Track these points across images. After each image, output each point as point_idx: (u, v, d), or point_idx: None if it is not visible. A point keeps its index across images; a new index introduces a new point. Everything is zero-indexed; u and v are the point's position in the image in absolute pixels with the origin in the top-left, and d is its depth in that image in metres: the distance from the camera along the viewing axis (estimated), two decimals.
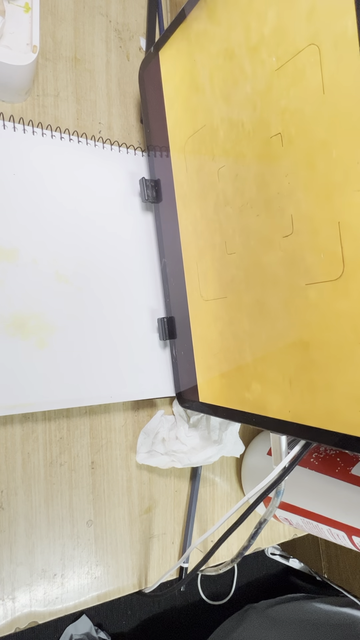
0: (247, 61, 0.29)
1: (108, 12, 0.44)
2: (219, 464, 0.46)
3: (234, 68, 0.30)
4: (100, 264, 0.37)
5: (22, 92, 0.37)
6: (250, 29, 0.28)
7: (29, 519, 0.36)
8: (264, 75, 0.28)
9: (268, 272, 0.29)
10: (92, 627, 0.96)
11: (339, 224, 0.24)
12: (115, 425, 0.40)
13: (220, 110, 0.32)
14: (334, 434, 0.26)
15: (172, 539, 0.42)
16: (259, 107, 0.28)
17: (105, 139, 0.40)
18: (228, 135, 0.31)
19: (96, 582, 0.39)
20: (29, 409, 0.33)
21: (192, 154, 0.35)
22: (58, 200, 0.36)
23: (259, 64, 0.28)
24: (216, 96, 0.32)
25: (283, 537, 0.50)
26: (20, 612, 0.36)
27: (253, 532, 0.33)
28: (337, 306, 0.25)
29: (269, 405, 0.30)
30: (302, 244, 0.27)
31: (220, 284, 0.34)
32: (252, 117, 0.29)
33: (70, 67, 0.41)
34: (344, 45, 0.23)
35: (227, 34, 0.30)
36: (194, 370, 0.37)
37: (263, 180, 0.29)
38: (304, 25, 0.25)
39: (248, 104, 0.29)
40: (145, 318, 0.39)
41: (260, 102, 0.28)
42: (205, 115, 0.33)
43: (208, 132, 0.33)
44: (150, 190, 0.39)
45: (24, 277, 0.34)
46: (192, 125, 0.35)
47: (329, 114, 0.24)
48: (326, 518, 0.36)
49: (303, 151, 0.26)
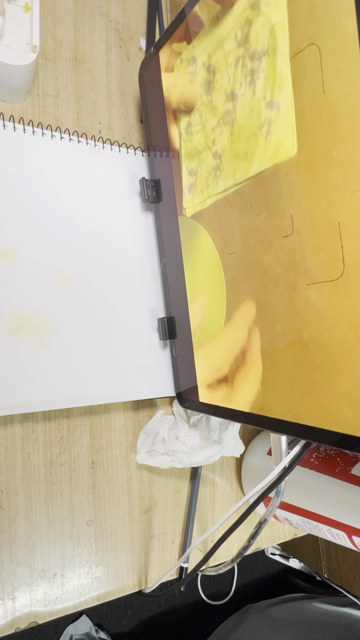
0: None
1: (108, 12, 0.44)
2: (219, 464, 0.46)
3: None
4: (100, 264, 0.37)
5: (22, 92, 0.37)
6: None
7: (29, 519, 0.36)
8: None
9: (268, 272, 0.29)
10: (92, 627, 0.96)
11: (339, 224, 0.24)
12: (115, 425, 0.40)
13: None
14: (334, 434, 0.26)
15: (172, 539, 0.42)
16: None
17: (105, 139, 0.40)
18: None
19: (96, 582, 0.39)
20: (29, 408, 0.33)
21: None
22: (58, 200, 0.36)
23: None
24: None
25: (283, 537, 0.50)
26: (20, 612, 0.36)
27: (253, 532, 0.33)
28: (337, 306, 0.25)
29: (269, 405, 0.30)
30: (302, 244, 0.27)
31: None
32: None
33: (70, 67, 0.41)
34: (344, 45, 0.23)
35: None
36: (194, 370, 0.37)
37: (263, 179, 0.29)
38: (304, 25, 0.25)
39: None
40: (145, 318, 0.39)
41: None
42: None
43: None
44: (150, 190, 0.39)
45: (24, 277, 0.34)
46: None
47: (329, 113, 0.24)
48: (326, 518, 0.36)
49: (303, 151, 0.26)
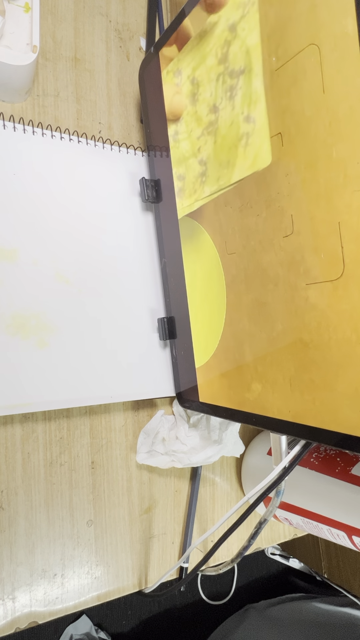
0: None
1: (108, 12, 0.44)
2: (219, 464, 0.46)
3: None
4: (100, 264, 0.37)
5: (22, 92, 0.37)
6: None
7: (29, 519, 0.36)
8: (264, 75, 0.28)
9: (268, 272, 0.29)
10: (92, 627, 0.96)
11: (339, 224, 0.24)
12: (115, 425, 0.40)
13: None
14: (334, 434, 0.26)
15: (172, 539, 0.42)
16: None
17: (105, 139, 0.40)
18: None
19: (96, 582, 0.39)
20: (29, 409, 0.33)
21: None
22: (58, 201, 0.36)
23: (259, 64, 0.28)
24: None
25: (283, 537, 0.50)
26: (21, 612, 0.36)
27: (253, 532, 0.33)
28: (337, 306, 0.25)
29: (269, 405, 0.30)
30: (302, 244, 0.27)
31: None
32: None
33: (70, 67, 0.41)
34: (344, 45, 0.23)
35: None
36: (194, 370, 0.37)
37: (263, 179, 0.29)
38: (304, 25, 0.25)
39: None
40: (145, 318, 0.39)
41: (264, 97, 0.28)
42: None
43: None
44: (150, 190, 0.39)
45: (24, 277, 0.34)
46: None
47: (329, 114, 0.24)
48: (326, 518, 0.36)
49: (303, 151, 0.26)
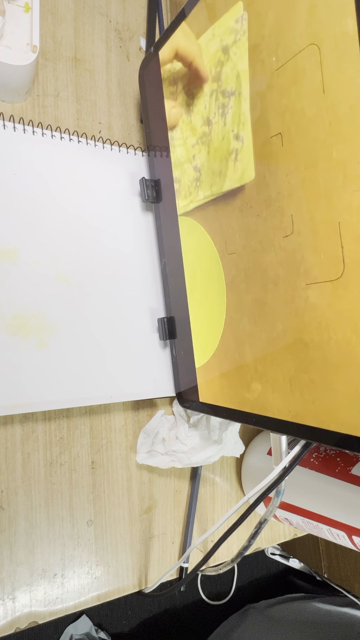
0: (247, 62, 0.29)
1: (108, 12, 0.44)
2: (219, 464, 0.46)
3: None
4: (100, 264, 0.37)
5: (22, 92, 0.37)
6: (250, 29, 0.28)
7: (29, 519, 0.36)
8: (264, 75, 0.28)
9: (268, 272, 0.29)
10: (92, 627, 0.96)
11: (339, 224, 0.24)
12: (115, 425, 0.40)
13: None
14: (334, 434, 0.26)
15: (172, 539, 0.42)
16: (259, 107, 0.28)
17: (105, 139, 0.40)
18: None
19: (96, 582, 0.39)
20: (29, 409, 0.33)
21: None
22: (58, 201, 0.36)
23: (259, 64, 0.28)
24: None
25: (283, 537, 0.50)
26: (21, 612, 0.36)
27: (253, 532, 0.33)
28: (337, 306, 0.25)
29: (269, 405, 0.30)
30: (302, 244, 0.27)
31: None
32: (253, 116, 0.29)
33: (70, 67, 0.41)
34: (344, 45, 0.23)
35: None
36: (194, 370, 0.37)
37: (263, 179, 0.29)
38: (304, 25, 0.25)
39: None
40: (145, 318, 0.39)
41: (261, 102, 0.28)
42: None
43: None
44: (150, 190, 0.39)
45: (24, 277, 0.34)
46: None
47: (329, 114, 0.24)
48: (326, 518, 0.36)
49: (303, 151, 0.26)
